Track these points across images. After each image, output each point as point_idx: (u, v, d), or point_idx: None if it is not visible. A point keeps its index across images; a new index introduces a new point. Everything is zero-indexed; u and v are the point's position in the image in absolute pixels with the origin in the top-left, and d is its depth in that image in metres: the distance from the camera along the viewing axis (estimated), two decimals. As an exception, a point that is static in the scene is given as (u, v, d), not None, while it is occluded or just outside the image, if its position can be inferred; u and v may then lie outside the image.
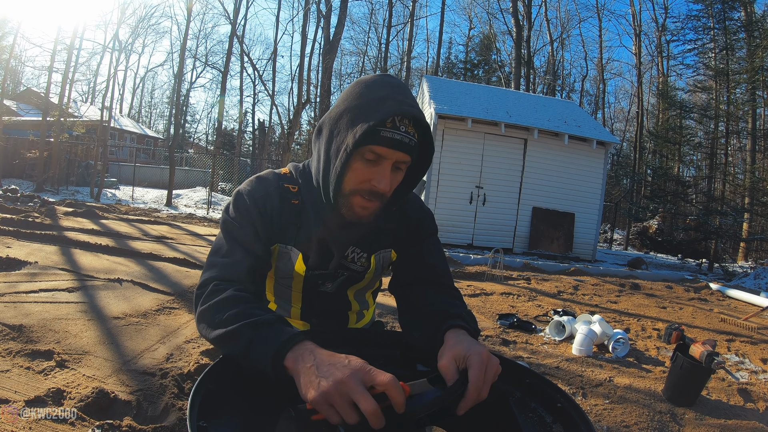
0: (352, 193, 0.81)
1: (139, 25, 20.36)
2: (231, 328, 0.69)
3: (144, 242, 5.55)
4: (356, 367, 0.58)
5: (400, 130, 0.77)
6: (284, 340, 0.64)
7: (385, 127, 0.76)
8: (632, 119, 25.39)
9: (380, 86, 0.80)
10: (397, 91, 0.79)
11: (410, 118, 0.78)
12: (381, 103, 0.77)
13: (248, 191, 0.89)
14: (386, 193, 0.81)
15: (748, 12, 13.72)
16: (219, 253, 0.85)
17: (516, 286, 5.20)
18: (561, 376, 2.53)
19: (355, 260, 0.95)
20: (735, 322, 4.33)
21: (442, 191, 8.23)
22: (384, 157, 0.78)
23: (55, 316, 2.55)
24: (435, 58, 25.90)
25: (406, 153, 0.79)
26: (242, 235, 0.85)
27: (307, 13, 14.89)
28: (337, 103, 0.83)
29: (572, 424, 0.66)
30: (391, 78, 0.83)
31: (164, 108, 36.80)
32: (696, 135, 14.64)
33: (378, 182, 0.79)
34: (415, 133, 0.79)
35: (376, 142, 0.76)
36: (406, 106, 0.77)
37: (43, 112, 12.68)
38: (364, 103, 0.78)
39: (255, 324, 0.68)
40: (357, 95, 0.80)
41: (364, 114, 0.77)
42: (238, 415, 0.64)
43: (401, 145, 0.77)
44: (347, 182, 0.81)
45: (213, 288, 0.78)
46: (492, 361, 0.66)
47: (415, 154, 0.82)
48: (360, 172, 0.79)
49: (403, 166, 0.81)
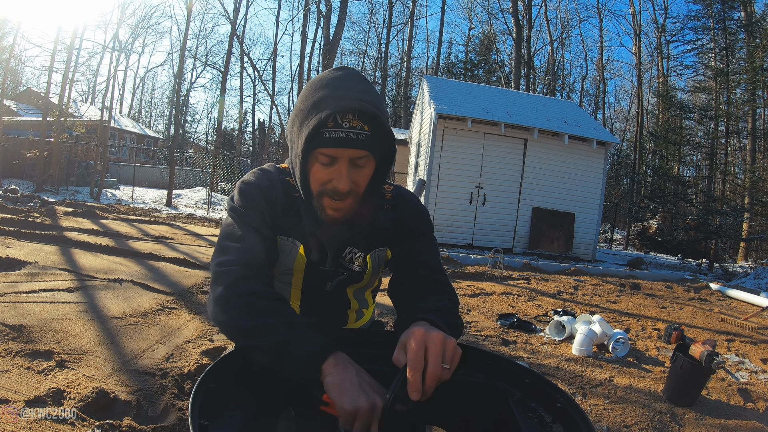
0: (320, 194, 0.82)
1: (139, 25, 20.39)
2: (264, 323, 0.70)
3: (144, 242, 5.55)
4: (380, 403, 0.63)
5: (343, 127, 0.75)
6: (324, 345, 0.68)
7: (327, 128, 0.75)
8: (632, 119, 25.40)
9: (322, 85, 0.79)
10: (338, 85, 0.78)
11: (353, 112, 0.76)
12: (320, 103, 0.76)
13: (253, 181, 0.89)
14: (353, 188, 0.81)
15: (748, 12, 13.72)
16: (232, 237, 0.83)
17: (516, 286, 5.20)
18: (561, 376, 2.53)
19: (353, 260, 0.95)
20: (735, 322, 4.33)
21: (442, 191, 8.23)
22: (336, 157, 0.78)
23: (55, 316, 2.55)
24: (435, 58, 25.95)
25: (357, 148, 0.77)
26: (253, 220, 0.85)
27: (307, 13, 14.91)
28: (293, 109, 0.85)
29: (572, 423, 0.66)
30: (336, 70, 0.82)
31: (164, 108, 36.83)
32: (696, 135, 14.63)
33: (338, 182, 0.79)
34: (365, 125, 0.77)
35: (322, 144, 0.76)
36: (345, 101, 0.75)
37: (43, 112, 12.67)
38: (306, 107, 0.78)
39: (291, 323, 0.70)
40: (302, 99, 0.81)
41: (306, 118, 0.77)
42: (238, 415, 0.64)
43: (348, 142, 0.76)
44: (312, 185, 0.82)
45: (238, 275, 0.76)
46: (432, 337, 0.65)
47: (370, 146, 0.79)
48: (319, 174, 0.80)
49: (361, 161, 0.80)
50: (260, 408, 0.66)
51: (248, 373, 0.70)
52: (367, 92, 0.79)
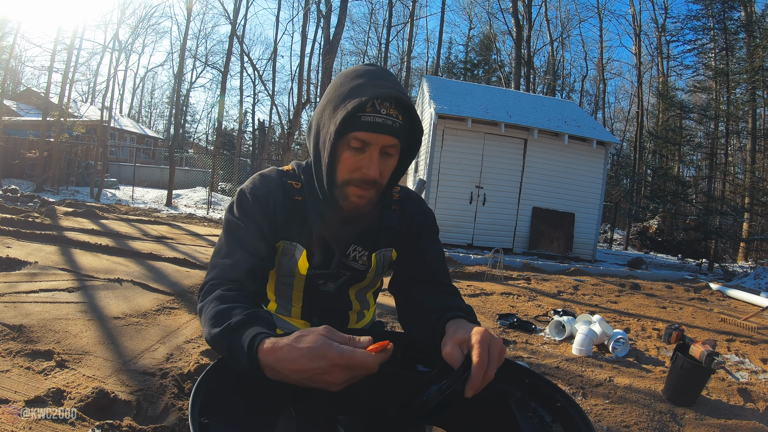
0: (345, 183, 0.82)
1: (139, 25, 20.39)
2: (214, 333, 0.68)
3: (144, 242, 5.55)
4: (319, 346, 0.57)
5: (381, 113, 0.76)
6: (247, 350, 0.61)
7: (365, 111, 0.76)
8: (632, 119, 25.39)
9: (358, 74, 0.80)
10: (376, 76, 0.79)
11: (390, 99, 0.77)
12: (359, 89, 0.77)
13: (251, 189, 0.89)
14: (379, 180, 0.81)
15: (748, 12, 13.71)
16: (220, 254, 0.85)
17: (516, 286, 5.20)
18: (561, 376, 2.53)
19: (357, 259, 0.95)
20: (735, 322, 4.33)
21: (442, 191, 8.23)
22: (369, 143, 0.78)
23: (55, 316, 2.55)
24: (435, 58, 25.93)
25: (391, 135, 0.78)
26: (245, 234, 0.85)
27: (307, 13, 14.90)
28: (322, 98, 0.84)
29: (572, 423, 0.66)
30: (370, 65, 0.84)
31: (164, 108, 36.81)
32: (696, 135, 14.65)
33: (367, 169, 0.79)
34: (399, 114, 0.78)
35: (358, 128, 0.76)
36: (384, 88, 0.76)
37: (43, 112, 12.67)
38: (343, 92, 0.79)
39: (228, 330, 0.66)
40: (337, 86, 0.81)
41: (343, 102, 0.77)
42: (239, 414, 0.64)
43: (384, 128, 0.77)
44: (339, 173, 0.81)
45: (208, 288, 0.78)
46: (494, 340, 0.65)
47: (402, 136, 0.81)
48: (349, 161, 0.80)
49: (392, 150, 0.81)
50: (260, 407, 0.66)
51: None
52: (399, 86, 0.81)
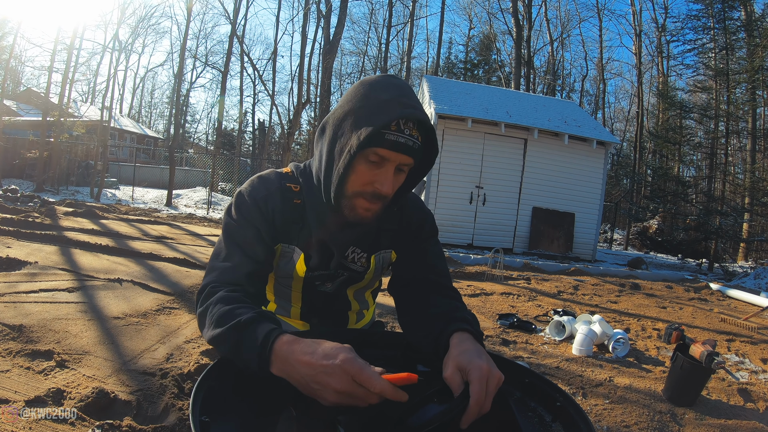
0: (355, 195, 0.81)
1: (139, 25, 20.40)
2: (218, 332, 0.69)
3: (144, 242, 5.55)
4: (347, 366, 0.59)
5: (404, 134, 0.77)
6: (263, 340, 0.64)
7: (389, 130, 0.76)
8: (632, 119, 25.40)
9: (385, 88, 0.79)
10: (402, 93, 0.79)
11: (415, 120, 0.78)
12: (386, 105, 0.76)
13: (249, 191, 0.89)
14: (389, 195, 0.81)
15: (748, 11, 13.71)
16: (219, 257, 0.85)
17: (516, 286, 5.19)
18: (561, 376, 2.53)
19: (355, 260, 0.95)
20: (735, 322, 4.33)
21: (442, 191, 8.23)
22: (387, 160, 0.78)
23: (55, 316, 2.55)
24: (435, 58, 25.92)
25: (409, 156, 0.79)
26: (243, 238, 0.85)
27: (307, 13, 14.90)
28: (341, 104, 0.82)
29: (572, 423, 0.66)
30: (395, 79, 0.83)
31: (164, 108, 36.80)
32: (696, 135, 14.65)
33: (381, 185, 0.79)
34: (419, 136, 0.79)
35: (381, 145, 0.76)
36: (410, 108, 0.77)
37: (43, 112, 12.67)
38: (368, 105, 0.78)
39: (237, 326, 0.68)
40: (362, 96, 0.79)
41: (369, 116, 0.76)
42: (239, 413, 0.64)
43: (405, 148, 0.77)
44: (350, 184, 0.81)
45: (209, 291, 0.79)
46: (493, 374, 0.66)
47: (419, 156, 0.82)
48: (363, 174, 0.79)
49: (405, 168, 0.82)
50: (260, 407, 0.66)
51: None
52: (420, 104, 0.81)
